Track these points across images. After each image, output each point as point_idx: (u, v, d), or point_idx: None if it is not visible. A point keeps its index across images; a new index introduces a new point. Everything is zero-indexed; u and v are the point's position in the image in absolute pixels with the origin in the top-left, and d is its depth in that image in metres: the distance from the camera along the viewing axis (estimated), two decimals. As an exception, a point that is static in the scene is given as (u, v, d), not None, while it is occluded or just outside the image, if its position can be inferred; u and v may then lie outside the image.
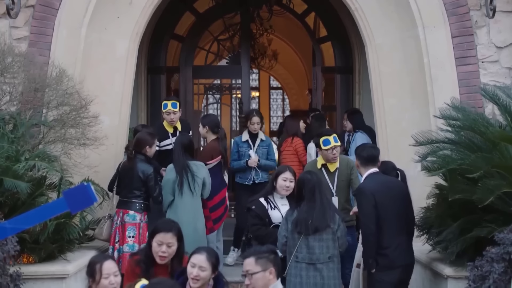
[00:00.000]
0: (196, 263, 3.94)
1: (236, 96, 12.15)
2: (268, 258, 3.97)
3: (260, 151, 7.55)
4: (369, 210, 5.21)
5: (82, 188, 4.02)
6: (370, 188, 5.27)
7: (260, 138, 7.60)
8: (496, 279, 4.69)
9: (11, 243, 4.76)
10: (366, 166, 5.42)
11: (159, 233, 4.24)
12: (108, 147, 6.43)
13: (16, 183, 5.12)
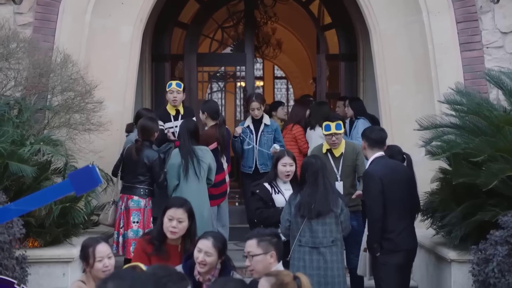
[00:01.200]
0: (202, 248, 3.95)
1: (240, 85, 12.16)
2: (270, 241, 3.97)
3: (265, 137, 7.17)
4: (376, 194, 5.22)
5: (87, 170, 4.05)
6: (378, 173, 5.27)
7: (264, 123, 7.22)
8: (499, 262, 4.70)
9: (17, 226, 4.79)
10: (373, 148, 5.40)
11: (170, 208, 4.27)
12: (112, 133, 6.46)
13: (22, 167, 5.14)
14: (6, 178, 5.28)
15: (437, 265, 5.96)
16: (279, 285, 3.26)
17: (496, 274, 4.71)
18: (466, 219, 5.43)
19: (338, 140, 6.16)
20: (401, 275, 5.32)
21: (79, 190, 4.08)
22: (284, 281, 3.30)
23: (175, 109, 7.05)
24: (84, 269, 4.02)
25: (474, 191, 5.45)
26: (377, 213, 5.23)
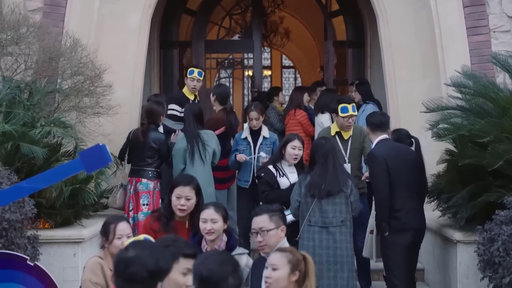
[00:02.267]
0: (207, 217, 4.02)
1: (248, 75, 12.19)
2: (279, 216, 4.05)
3: (263, 150, 6.51)
4: (381, 174, 5.29)
5: (97, 149, 4.12)
6: (381, 153, 5.35)
7: (263, 136, 6.58)
8: (504, 241, 4.75)
9: (28, 206, 4.88)
10: (376, 132, 5.48)
11: (178, 186, 4.33)
12: (122, 116, 6.53)
13: (33, 149, 5.22)
14: (18, 160, 5.37)
15: (443, 247, 6.01)
16: (295, 261, 3.34)
17: (501, 253, 4.75)
18: (472, 200, 5.48)
19: (353, 122, 6.24)
20: (409, 255, 5.38)
21: (90, 169, 4.15)
22: (299, 258, 3.37)
23: (194, 94, 7.14)
24: (103, 245, 4.08)
25: (480, 173, 5.50)
26: (384, 192, 5.29)
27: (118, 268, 2.36)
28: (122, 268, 2.34)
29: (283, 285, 3.31)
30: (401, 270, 5.34)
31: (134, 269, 2.32)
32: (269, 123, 8.27)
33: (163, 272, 2.39)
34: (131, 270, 2.32)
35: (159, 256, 2.36)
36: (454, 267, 5.67)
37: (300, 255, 3.43)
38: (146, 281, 2.32)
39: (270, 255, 3.51)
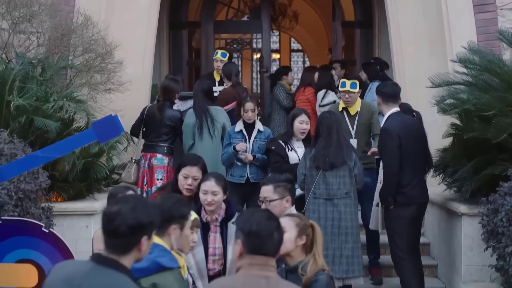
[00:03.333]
0: (207, 189, 4.11)
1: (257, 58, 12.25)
2: (285, 187, 4.15)
3: (257, 144, 6.22)
4: (393, 150, 5.36)
5: (110, 119, 4.24)
6: (395, 129, 5.40)
7: (257, 129, 6.27)
8: (508, 211, 4.84)
9: (42, 177, 5.01)
10: (388, 103, 5.53)
11: (185, 166, 4.40)
12: (132, 92, 6.63)
13: (46, 122, 5.35)
14: (31, 133, 5.49)
15: (448, 220, 6.10)
16: (303, 225, 3.46)
17: (504, 223, 4.85)
18: (477, 174, 5.56)
19: (352, 99, 6.29)
20: (413, 227, 5.48)
21: (102, 138, 4.28)
22: (307, 224, 3.49)
23: (219, 75, 7.36)
24: None
25: (485, 147, 5.58)
26: (394, 168, 5.37)
27: (102, 222, 2.44)
28: (105, 223, 2.42)
29: (289, 247, 3.42)
30: (405, 242, 5.44)
31: (115, 223, 2.38)
32: (276, 99, 8.37)
33: (146, 226, 2.43)
34: (113, 224, 2.39)
35: (140, 211, 2.41)
36: (459, 240, 5.76)
37: (308, 221, 3.54)
38: (127, 235, 2.38)
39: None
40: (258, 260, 2.65)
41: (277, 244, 2.72)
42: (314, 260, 3.40)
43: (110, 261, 2.42)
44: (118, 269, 2.41)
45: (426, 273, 6.26)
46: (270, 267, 2.68)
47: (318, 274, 3.34)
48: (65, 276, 2.45)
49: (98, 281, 2.37)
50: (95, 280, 2.37)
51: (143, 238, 2.44)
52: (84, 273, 2.40)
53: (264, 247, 2.67)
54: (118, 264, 2.42)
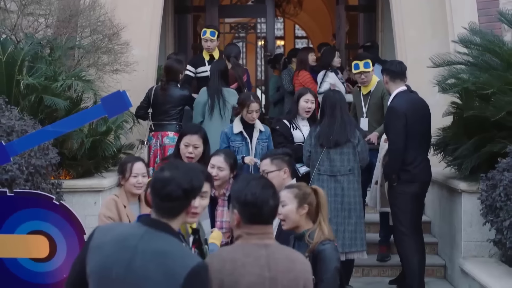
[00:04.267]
0: (215, 164, 4.25)
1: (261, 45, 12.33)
2: (282, 159, 4.29)
3: (260, 146, 5.80)
4: (399, 128, 5.47)
5: (118, 95, 4.36)
6: (402, 108, 5.51)
7: (259, 129, 5.83)
8: (506, 186, 4.96)
9: (52, 153, 5.14)
10: (395, 81, 5.63)
11: (186, 135, 4.55)
12: (139, 73, 6.75)
13: (55, 100, 5.48)
14: (40, 112, 5.62)
15: (448, 198, 6.22)
16: (302, 194, 3.55)
17: (502, 198, 4.96)
18: (477, 151, 5.67)
19: (368, 78, 6.43)
20: (416, 204, 5.61)
21: (111, 113, 4.39)
22: (306, 192, 3.59)
23: (209, 54, 7.38)
24: (119, 183, 4.33)
25: (485, 125, 5.69)
26: (399, 146, 5.49)
27: (156, 187, 2.50)
28: (159, 188, 2.48)
29: (294, 218, 3.53)
30: (408, 219, 5.57)
31: (171, 188, 2.47)
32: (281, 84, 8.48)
33: (197, 189, 2.54)
34: (168, 189, 2.47)
35: (192, 175, 2.52)
36: (459, 216, 5.88)
37: (308, 189, 3.64)
38: (181, 199, 2.48)
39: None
40: (256, 229, 2.70)
41: (273, 211, 2.76)
42: (320, 228, 3.50)
43: (163, 224, 2.48)
44: (171, 233, 2.48)
45: (427, 251, 6.37)
46: (268, 235, 2.74)
47: (324, 242, 3.44)
48: (117, 237, 2.48)
49: (155, 244, 2.43)
50: (151, 242, 2.43)
51: (192, 201, 2.54)
52: (140, 235, 2.45)
53: (261, 216, 2.70)
54: (171, 228, 2.49)
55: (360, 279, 6.23)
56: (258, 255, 2.67)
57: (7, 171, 4.70)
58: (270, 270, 2.65)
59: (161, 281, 2.37)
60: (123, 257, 2.42)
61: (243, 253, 2.68)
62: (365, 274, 6.34)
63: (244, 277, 2.62)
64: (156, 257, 2.40)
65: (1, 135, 4.82)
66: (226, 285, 2.61)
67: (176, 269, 2.38)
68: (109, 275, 2.43)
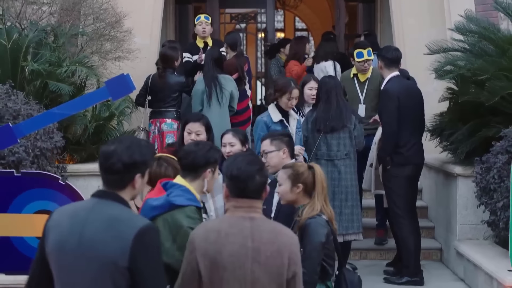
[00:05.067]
0: (225, 142, 4.40)
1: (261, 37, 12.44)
2: (281, 139, 4.40)
3: (298, 135, 5.63)
4: (393, 111, 5.62)
5: (121, 78, 4.49)
6: (395, 91, 5.67)
7: (295, 118, 5.66)
8: (499, 168, 5.09)
9: (57, 136, 5.27)
10: (390, 67, 5.78)
11: (188, 123, 4.67)
12: (141, 60, 6.86)
13: (60, 86, 5.60)
14: (45, 97, 5.75)
15: (445, 183, 6.36)
16: (295, 175, 3.68)
17: (496, 180, 5.10)
18: (472, 136, 5.81)
19: (369, 66, 6.56)
20: (410, 186, 5.75)
21: (115, 96, 4.52)
22: (299, 171, 3.71)
23: (203, 41, 7.44)
24: None
25: (480, 111, 5.82)
26: (393, 128, 5.64)
27: (100, 160, 2.59)
28: (102, 161, 2.57)
29: (290, 197, 3.68)
30: (403, 201, 5.71)
31: (111, 161, 2.53)
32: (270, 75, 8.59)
33: (139, 164, 2.58)
34: (109, 162, 2.54)
35: (135, 150, 2.57)
36: (454, 200, 6.02)
37: (303, 168, 3.76)
38: (121, 172, 2.54)
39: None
40: (242, 202, 2.80)
41: (259, 187, 2.84)
42: (311, 205, 3.63)
43: (110, 194, 2.56)
44: (119, 201, 2.56)
45: (424, 235, 6.54)
46: (255, 209, 2.82)
47: (311, 217, 3.55)
48: (70, 213, 2.58)
49: (104, 212, 2.52)
50: (100, 211, 2.52)
51: (136, 175, 2.58)
52: (90, 207, 2.54)
53: (246, 190, 2.80)
54: (118, 197, 2.56)
55: (358, 262, 6.36)
56: (242, 227, 2.77)
57: (13, 153, 4.83)
58: (254, 241, 2.74)
59: (111, 244, 2.46)
60: (75, 230, 2.51)
61: (228, 224, 2.79)
62: (363, 257, 6.48)
63: (226, 247, 2.72)
64: (105, 223, 2.49)
65: (8, 118, 4.95)
66: (210, 254, 2.72)
67: (125, 230, 2.47)
68: (64, 250, 2.51)
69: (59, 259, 2.54)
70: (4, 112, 5.00)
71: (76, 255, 2.51)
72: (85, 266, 2.49)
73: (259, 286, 2.74)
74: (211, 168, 3.39)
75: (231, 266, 2.72)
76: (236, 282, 2.72)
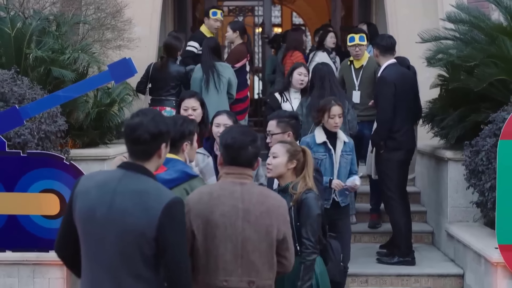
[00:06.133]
0: (220, 122, 4.56)
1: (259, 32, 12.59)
2: (288, 122, 4.56)
3: (344, 159, 5.19)
4: (389, 97, 5.81)
5: (124, 62, 4.69)
6: (391, 77, 5.85)
7: (343, 140, 5.20)
8: (487, 151, 5.27)
9: (61, 120, 5.45)
10: (385, 55, 5.97)
11: (183, 101, 4.87)
12: (141, 49, 7.04)
13: (63, 72, 5.78)
14: (49, 84, 5.92)
15: (436, 167, 6.55)
16: (293, 150, 3.87)
17: (484, 162, 5.28)
18: (462, 121, 6.00)
19: (361, 51, 6.76)
20: (402, 170, 5.94)
21: (117, 79, 4.73)
22: (297, 149, 3.90)
23: (213, 34, 7.66)
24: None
25: (470, 97, 6.01)
26: (388, 115, 5.82)
27: (126, 133, 2.72)
28: (129, 133, 2.71)
29: (281, 170, 3.86)
30: (395, 184, 5.90)
31: (138, 132, 2.68)
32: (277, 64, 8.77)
33: (164, 134, 2.74)
34: (136, 133, 2.68)
35: (159, 121, 2.73)
36: (445, 183, 6.21)
37: (299, 147, 3.96)
38: (148, 142, 2.69)
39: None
40: (234, 169, 3.05)
41: (251, 156, 3.06)
42: (304, 180, 3.83)
43: (138, 166, 2.70)
44: (146, 173, 2.70)
45: (416, 219, 6.75)
46: (246, 176, 3.06)
47: (307, 191, 3.77)
48: (97, 182, 2.70)
49: (132, 184, 2.66)
50: (129, 183, 2.66)
51: (162, 145, 2.74)
52: (118, 178, 2.68)
53: (237, 159, 3.04)
54: (146, 169, 2.71)
55: (352, 245, 6.49)
56: (233, 190, 3.01)
57: (19, 135, 5.01)
58: (244, 202, 2.99)
59: (140, 216, 2.60)
60: (105, 199, 2.65)
61: (220, 187, 3.05)
62: (357, 240, 6.67)
63: (218, 207, 2.97)
64: (134, 195, 2.64)
65: (13, 102, 5.12)
66: (203, 214, 2.96)
67: (153, 204, 2.61)
68: (92, 218, 2.65)
69: (86, 226, 2.68)
70: (10, 96, 5.17)
71: (105, 224, 2.63)
72: (113, 235, 2.62)
73: (250, 244, 2.96)
74: (187, 141, 3.51)
75: (222, 225, 2.95)
76: (228, 239, 2.95)
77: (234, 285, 2.97)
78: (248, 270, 2.98)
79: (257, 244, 2.97)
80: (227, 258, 2.97)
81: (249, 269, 2.98)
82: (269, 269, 3.03)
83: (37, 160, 4.71)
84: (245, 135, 3.10)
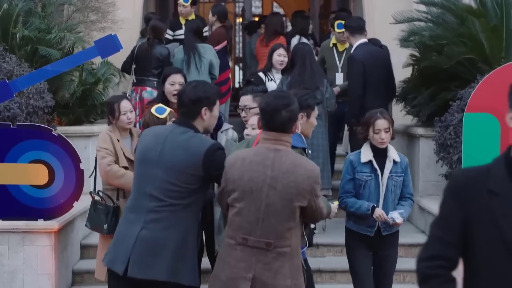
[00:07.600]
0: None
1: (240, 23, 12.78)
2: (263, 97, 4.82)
3: (393, 181, 4.46)
4: (357, 76, 6.07)
5: (110, 38, 4.90)
6: (360, 57, 6.11)
7: (392, 159, 4.48)
8: (455, 125, 5.57)
9: (48, 96, 5.66)
10: (355, 35, 6.23)
11: (169, 76, 5.03)
12: (125, 31, 7.23)
13: (49, 51, 5.97)
14: (35, 62, 6.11)
15: (409, 145, 6.84)
16: None
17: (452, 136, 5.58)
18: (433, 99, 6.29)
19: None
20: (374, 146, 6.20)
21: (104, 54, 4.94)
22: None
23: (185, 19, 7.84)
24: (110, 122, 4.75)
25: (441, 76, 6.30)
26: (358, 93, 6.08)
27: (177, 98, 3.57)
28: (178, 98, 3.54)
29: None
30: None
31: (182, 97, 3.47)
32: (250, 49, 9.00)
33: (202, 99, 3.43)
34: (181, 98, 3.48)
35: (199, 88, 3.47)
36: (417, 159, 6.50)
37: None
38: (189, 105, 3.43)
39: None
40: (269, 135, 3.14)
41: (284, 121, 3.10)
42: None
43: (186, 121, 3.44)
44: (192, 127, 3.41)
45: (391, 195, 7.01)
46: (281, 142, 3.12)
47: None
48: (154, 133, 3.50)
49: (180, 133, 3.40)
50: (178, 133, 3.41)
51: (202, 108, 3.42)
52: (169, 130, 3.46)
53: (271, 124, 3.12)
54: (191, 124, 3.42)
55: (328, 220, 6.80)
56: (265, 156, 3.13)
57: (8, 109, 5.21)
58: (273, 170, 3.11)
59: (186, 159, 3.33)
60: (157, 146, 3.40)
61: (254, 153, 3.20)
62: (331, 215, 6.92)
63: (248, 172, 3.14)
64: (181, 142, 3.37)
65: (2, 78, 5.31)
66: (235, 178, 3.18)
67: (197, 149, 3.34)
68: (146, 158, 3.43)
69: (141, 162, 3.45)
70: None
71: (157, 163, 3.35)
72: (161, 172, 3.34)
73: (273, 209, 3.13)
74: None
75: (249, 189, 3.14)
76: (252, 203, 3.14)
77: (252, 244, 3.13)
78: (267, 232, 3.12)
79: (279, 210, 3.10)
80: (250, 219, 3.14)
81: (268, 231, 3.12)
82: (289, 232, 3.14)
83: (27, 132, 4.91)
84: (279, 99, 3.16)
